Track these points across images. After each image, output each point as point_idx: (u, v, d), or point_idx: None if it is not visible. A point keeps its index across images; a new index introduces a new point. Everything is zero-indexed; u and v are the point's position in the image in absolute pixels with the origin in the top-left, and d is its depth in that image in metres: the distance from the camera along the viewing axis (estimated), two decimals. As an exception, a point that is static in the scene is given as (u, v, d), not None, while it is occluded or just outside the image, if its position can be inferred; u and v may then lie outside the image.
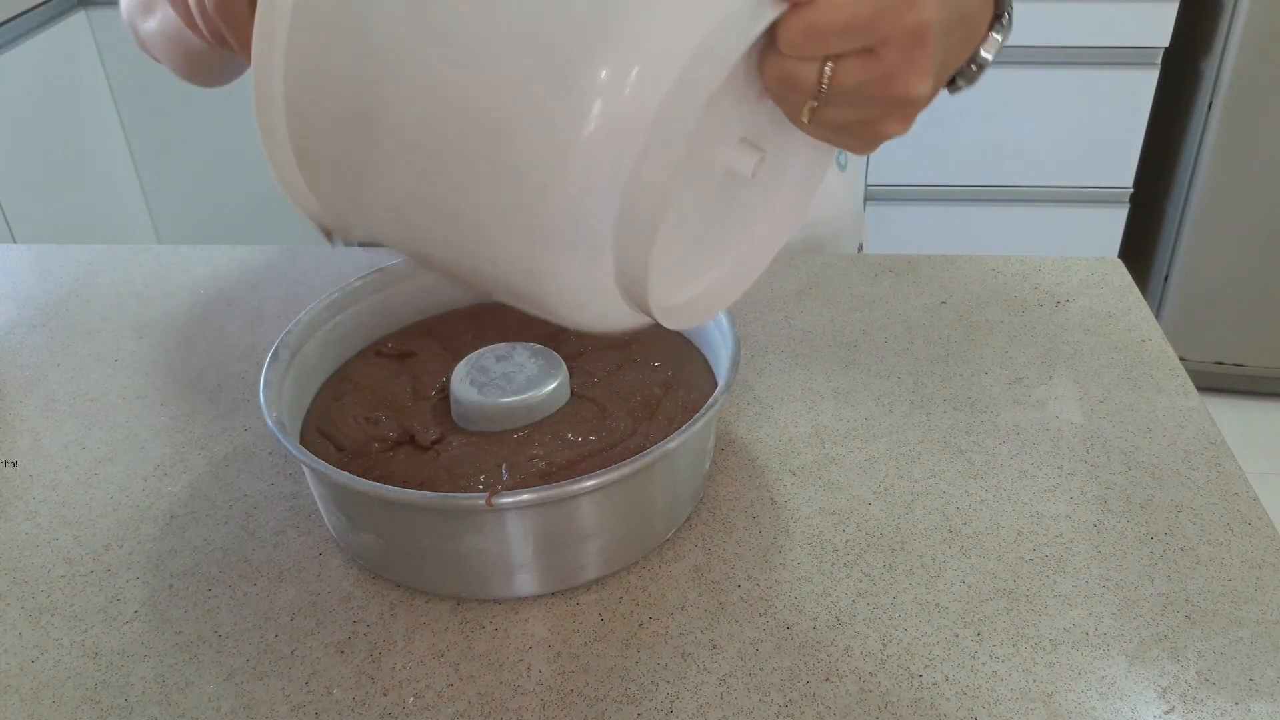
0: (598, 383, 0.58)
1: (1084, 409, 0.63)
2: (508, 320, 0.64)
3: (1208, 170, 1.78)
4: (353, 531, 0.52)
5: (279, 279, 0.80)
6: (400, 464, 0.53)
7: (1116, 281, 0.76)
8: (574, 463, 0.52)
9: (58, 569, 0.54)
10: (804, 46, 0.37)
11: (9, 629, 0.51)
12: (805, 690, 0.46)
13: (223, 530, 0.56)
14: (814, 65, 0.38)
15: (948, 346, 0.69)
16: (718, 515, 0.56)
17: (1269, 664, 0.47)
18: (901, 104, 0.40)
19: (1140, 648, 0.48)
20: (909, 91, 0.39)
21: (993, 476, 0.58)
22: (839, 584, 0.51)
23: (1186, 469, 0.58)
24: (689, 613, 0.50)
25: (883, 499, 0.56)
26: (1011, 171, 1.85)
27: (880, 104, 0.40)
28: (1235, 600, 0.50)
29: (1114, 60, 1.74)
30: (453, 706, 0.46)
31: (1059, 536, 0.54)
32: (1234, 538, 0.53)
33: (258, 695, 0.47)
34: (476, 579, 0.50)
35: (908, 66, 0.38)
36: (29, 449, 0.63)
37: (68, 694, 0.47)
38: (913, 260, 0.79)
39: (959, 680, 0.46)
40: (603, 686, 0.47)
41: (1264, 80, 1.69)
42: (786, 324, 0.72)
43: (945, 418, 0.62)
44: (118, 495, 0.59)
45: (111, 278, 0.81)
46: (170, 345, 0.72)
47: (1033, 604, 0.50)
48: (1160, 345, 0.68)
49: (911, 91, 0.39)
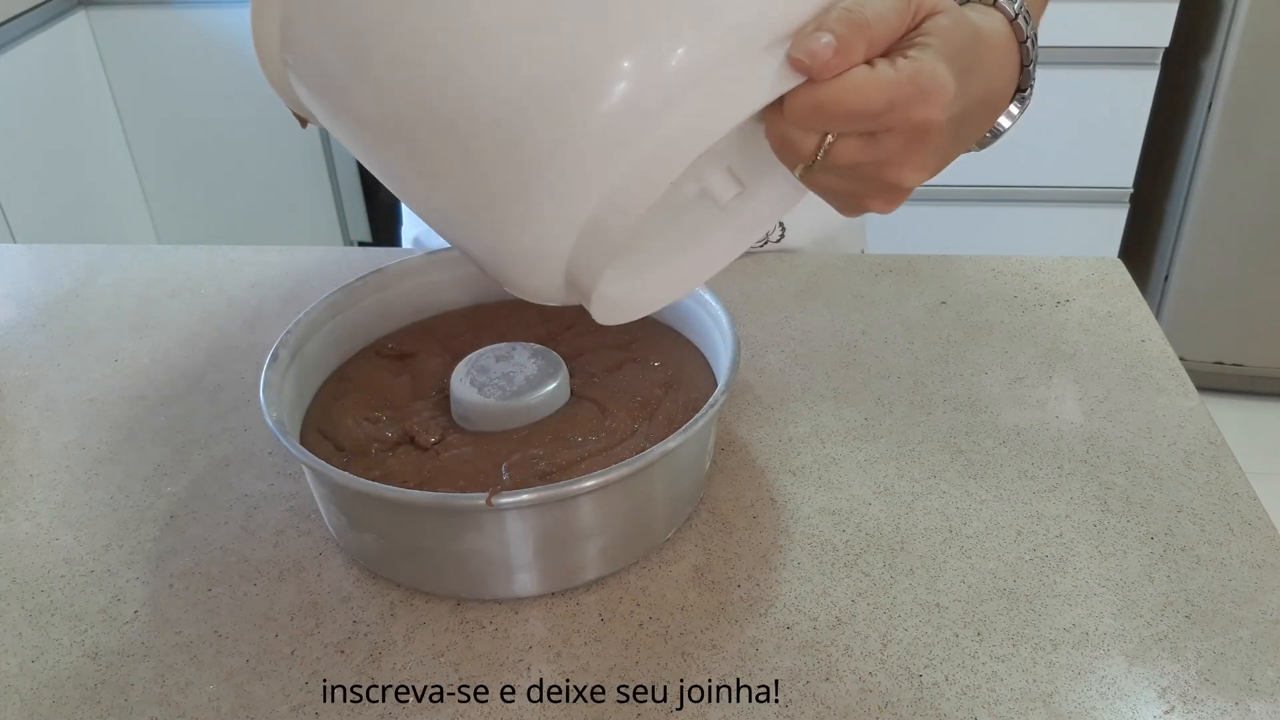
0: (598, 383, 0.58)
1: (1084, 409, 0.63)
2: (508, 320, 0.64)
3: (1208, 170, 1.78)
4: (353, 531, 0.52)
5: (279, 279, 0.80)
6: (400, 464, 0.53)
7: (1116, 281, 0.76)
8: (574, 463, 0.52)
9: (58, 569, 0.54)
10: (807, 120, 0.37)
11: (9, 629, 0.51)
12: (805, 690, 0.46)
13: (223, 530, 0.56)
14: (815, 137, 0.38)
15: (948, 346, 0.69)
16: (718, 515, 0.56)
17: (1269, 664, 0.47)
18: (891, 189, 0.40)
19: (1140, 648, 0.48)
20: (901, 181, 0.39)
21: (993, 476, 0.58)
22: (839, 584, 0.51)
23: (1186, 469, 0.58)
24: (689, 613, 0.50)
25: (883, 499, 0.56)
26: (1011, 171, 1.85)
27: (870, 184, 0.40)
28: (1235, 600, 0.50)
29: (1114, 60, 1.74)
30: (453, 707, 0.46)
31: (1059, 536, 0.54)
32: (1234, 538, 0.53)
33: (258, 695, 0.47)
34: (476, 579, 0.50)
35: (905, 159, 0.38)
36: (29, 449, 0.63)
37: (68, 694, 0.47)
38: (913, 260, 0.79)
39: (959, 680, 0.46)
40: (602, 685, 0.47)
41: (1264, 80, 1.69)
42: (786, 324, 0.72)
43: (945, 418, 0.62)
44: (118, 495, 0.59)
45: (111, 278, 0.81)
46: (170, 345, 0.72)
47: (1033, 604, 0.50)
48: (1160, 345, 0.68)
49: (904, 182, 0.39)
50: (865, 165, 0.39)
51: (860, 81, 0.36)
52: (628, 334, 0.62)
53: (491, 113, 0.36)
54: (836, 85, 0.36)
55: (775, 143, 0.39)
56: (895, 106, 0.37)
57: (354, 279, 0.62)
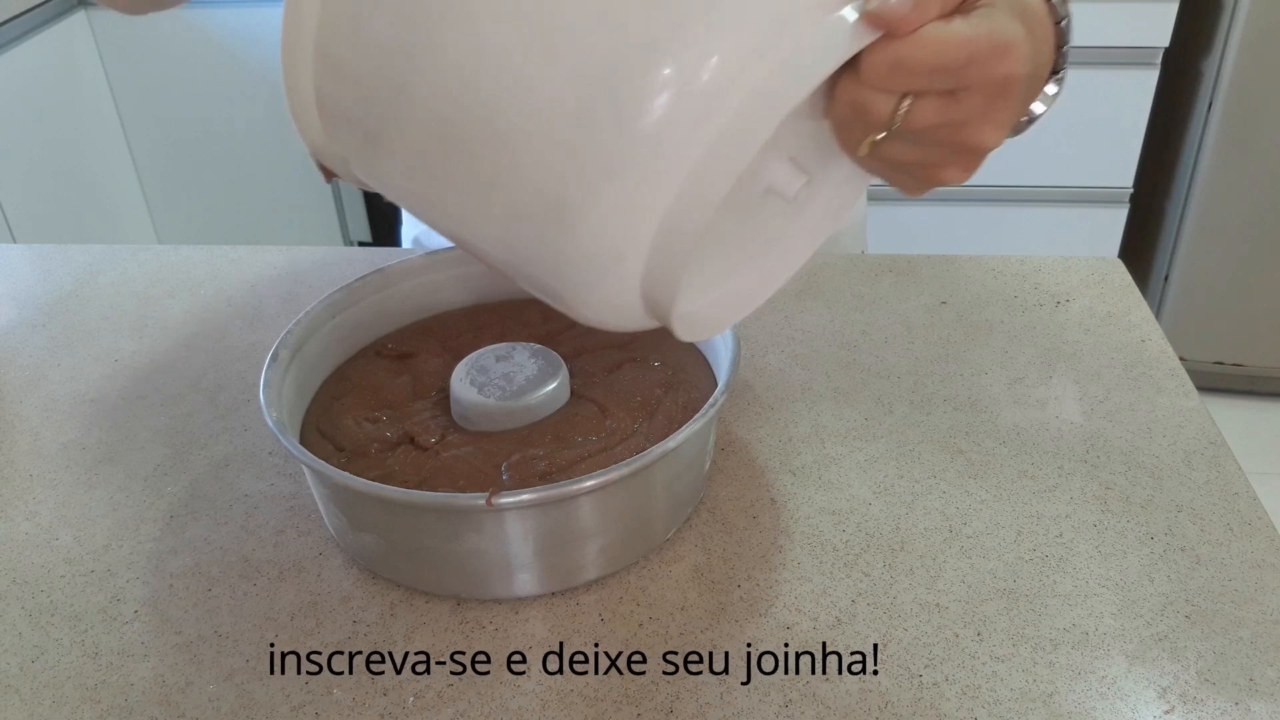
0: (598, 383, 0.58)
1: (1084, 409, 0.63)
2: (508, 320, 0.64)
3: (1208, 170, 1.78)
4: (353, 531, 0.52)
5: (279, 279, 0.80)
6: (400, 464, 0.53)
7: (1116, 281, 0.76)
8: (574, 463, 0.52)
9: (58, 569, 0.54)
10: (887, 80, 0.36)
11: (9, 629, 0.51)
12: (805, 690, 0.46)
13: (223, 530, 0.56)
14: (891, 99, 0.36)
15: (948, 346, 0.69)
16: (718, 515, 0.56)
17: (1269, 664, 0.47)
18: (969, 152, 0.39)
19: (1140, 648, 0.48)
20: (982, 142, 0.38)
21: (993, 476, 0.58)
22: (839, 584, 0.51)
23: (1186, 469, 0.58)
24: (689, 613, 0.50)
25: (883, 499, 0.56)
26: (1011, 171, 1.85)
27: (947, 149, 0.39)
28: (1235, 600, 0.50)
29: (1114, 60, 1.74)
30: (453, 706, 0.46)
31: (1059, 536, 0.54)
32: (1234, 538, 0.53)
33: (258, 695, 0.47)
34: (476, 579, 0.50)
35: (986, 116, 0.37)
36: (29, 449, 0.63)
37: (68, 694, 0.47)
38: (913, 260, 0.79)
39: (959, 680, 0.46)
40: (602, 687, 0.47)
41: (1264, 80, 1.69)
42: (786, 324, 0.72)
43: (945, 418, 0.62)
44: (118, 495, 0.59)
45: (111, 278, 0.81)
46: (170, 345, 0.72)
47: (1033, 604, 0.50)
48: (1160, 345, 0.68)
49: (985, 142, 0.38)
50: (944, 127, 0.37)
51: (941, 35, 0.35)
52: (627, 334, 0.62)
53: (552, 105, 0.34)
54: (916, 40, 0.35)
55: (847, 111, 0.37)
56: (975, 61, 0.36)
57: (354, 279, 0.62)
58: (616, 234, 0.36)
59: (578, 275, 0.38)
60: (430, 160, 0.38)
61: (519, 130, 0.35)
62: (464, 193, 0.39)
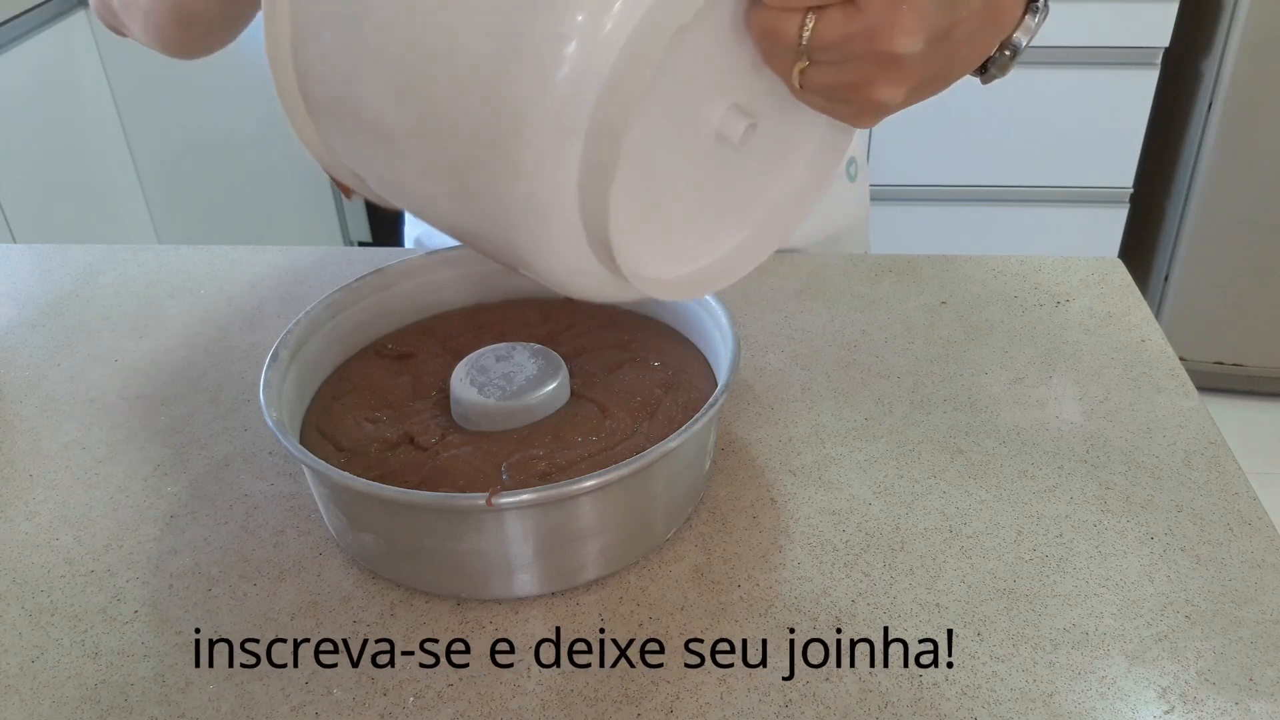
0: (598, 383, 0.58)
1: (1084, 409, 0.63)
2: (508, 320, 0.64)
3: (1208, 170, 1.78)
4: (353, 531, 0.52)
5: (279, 279, 0.80)
6: (400, 464, 0.53)
7: (1116, 281, 0.76)
8: (574, 463, 0.52)
9: (58, 569, 0.54)
10: None
11: (9, 629, 0.51)
12: (805, 690, 0.46)
13: (223, 530, 0.56)
14: (796, 17, 0.38)
15: (948, 346, 0.69)
16: (718, 515, 0.56)
17: (1269, 664, 0.47)
18: (888, 63, 0.39)
19: (1140, 648, 0.48)
20: (894, 47, 0.38)
21: (993, 476, 0.58)
22: (839, 584, 0.51)
23: (1186, 469, 0.58)
24: (689, 613, 0.50)
25: (883, 499, 0.56)
26: (1011, 171, 1.86)
27: (867, 62, 0.39)
28: (1235, 600, 0.50)
29: (1114, 60, 1.74)
30: (453, 706, 0.46)
31: (1059, 536, 0.54)
32: (1234, 538, 0.53)
33: (258, 695, 0.47)
34: (476, 579, 0.50)
35: (891, 21, 0.38)
36: (29, 449, 0.63)
37: (68, 694, 0.47)
38: (913, 260, 0.79)
39: (959, 680, 0.46)
40: (603, 686, 0.47)
41: (1264, 80, 1.69)
42: (786, 324, 0.72)
43: (945, 418, 0.62)
44: (118, 495, 0.59)
45: (111, 278, 0.81)
46: (170, 345, 0.72)
47: (1033, 604, 0.50)
48: (1160, 345, 0.68)
49: (897, 47, 0.38)
50: (854, 38, 0.38)
51: None
52: (628, 334, 0.62)
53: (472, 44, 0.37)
54: None
55: (760, 37, 0.39)
56: None
57: (354, 279, 0.62)
58: (545, 167, 0.37)
59: (526, 225, 0.40)
60: (391, 128, 0.41)
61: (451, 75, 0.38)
62: (424, 153, 0.41)
